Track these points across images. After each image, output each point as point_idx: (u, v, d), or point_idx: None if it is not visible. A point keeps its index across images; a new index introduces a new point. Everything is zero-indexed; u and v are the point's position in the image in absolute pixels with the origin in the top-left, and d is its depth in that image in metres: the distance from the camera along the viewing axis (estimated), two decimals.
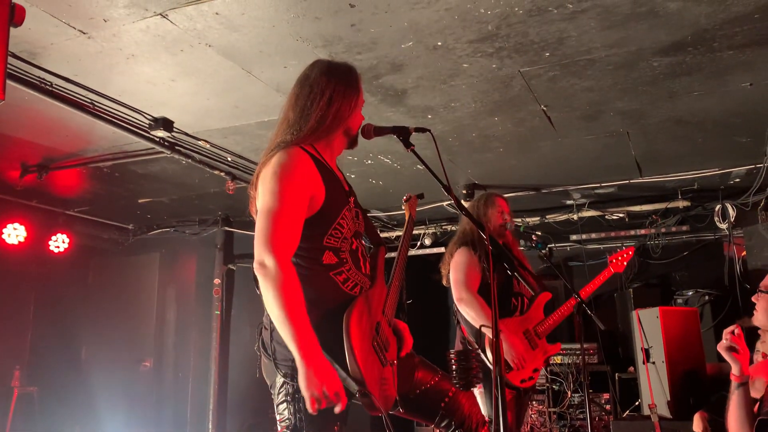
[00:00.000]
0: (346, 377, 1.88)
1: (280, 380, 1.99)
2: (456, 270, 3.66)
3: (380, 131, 2.28)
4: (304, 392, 1.79)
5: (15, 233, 5.93)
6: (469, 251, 3.66)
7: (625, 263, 3.94)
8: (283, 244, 1.88)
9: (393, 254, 2.35)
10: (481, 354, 3.49)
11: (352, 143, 2.23)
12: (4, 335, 6.66)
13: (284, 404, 1.97)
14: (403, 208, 2.73)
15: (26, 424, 6.38)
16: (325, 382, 1.79)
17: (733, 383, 2.61)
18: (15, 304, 6.89)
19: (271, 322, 2.06)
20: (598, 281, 3.92)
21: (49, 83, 3.65)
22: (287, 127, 2.12)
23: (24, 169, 5.22)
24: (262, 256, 1.85)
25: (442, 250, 7.25)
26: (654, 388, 4.39)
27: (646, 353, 4.51)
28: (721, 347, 2.67)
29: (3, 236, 5.85)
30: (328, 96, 2.10)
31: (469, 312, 3.53)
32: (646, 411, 4.36)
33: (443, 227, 6.99)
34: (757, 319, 2.65)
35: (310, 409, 1.79)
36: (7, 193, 5.70)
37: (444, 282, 3.88)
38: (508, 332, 3.49)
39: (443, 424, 2.26)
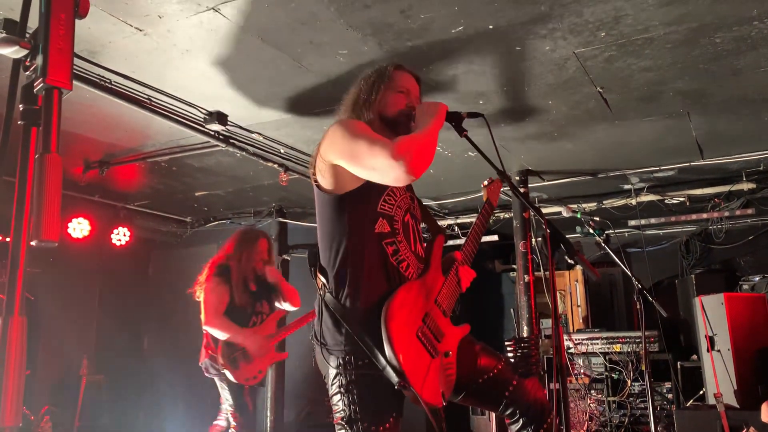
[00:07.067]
0: (385, 366, 1.87)
1: (332, 371, 1.97)
2: None
3: None
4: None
5: (80, 227, 6.15)
6: None
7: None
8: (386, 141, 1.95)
9: (451, 242, 2.32)
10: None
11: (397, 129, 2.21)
12: (73, 325, 6.95)
13: (338, 395, 1.96)
14: (481, 192, 2.74)
15: (94, 410, 6.64)
16: None
17: None
18: (81, 295, 7.17)
19: (320, 309, 2.07)
20: None
21: (108, 80, 3.75)
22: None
23: (86, 165, 5.40)
24: (392, 160, 1.87)
25: (495, 238, 7.19)
26: (719, 376, 4.25)
27: (711, 341, 4.37)
28: None
29: (69, 230, 6.08)
30: (370, 90, 2.21)
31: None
32: (711, 400, 4.22)
33: (495, 215, 6.90)
34: None
35: None
36: (71, 189, 5.91)
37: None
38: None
39: (508, 413, 2.21)
